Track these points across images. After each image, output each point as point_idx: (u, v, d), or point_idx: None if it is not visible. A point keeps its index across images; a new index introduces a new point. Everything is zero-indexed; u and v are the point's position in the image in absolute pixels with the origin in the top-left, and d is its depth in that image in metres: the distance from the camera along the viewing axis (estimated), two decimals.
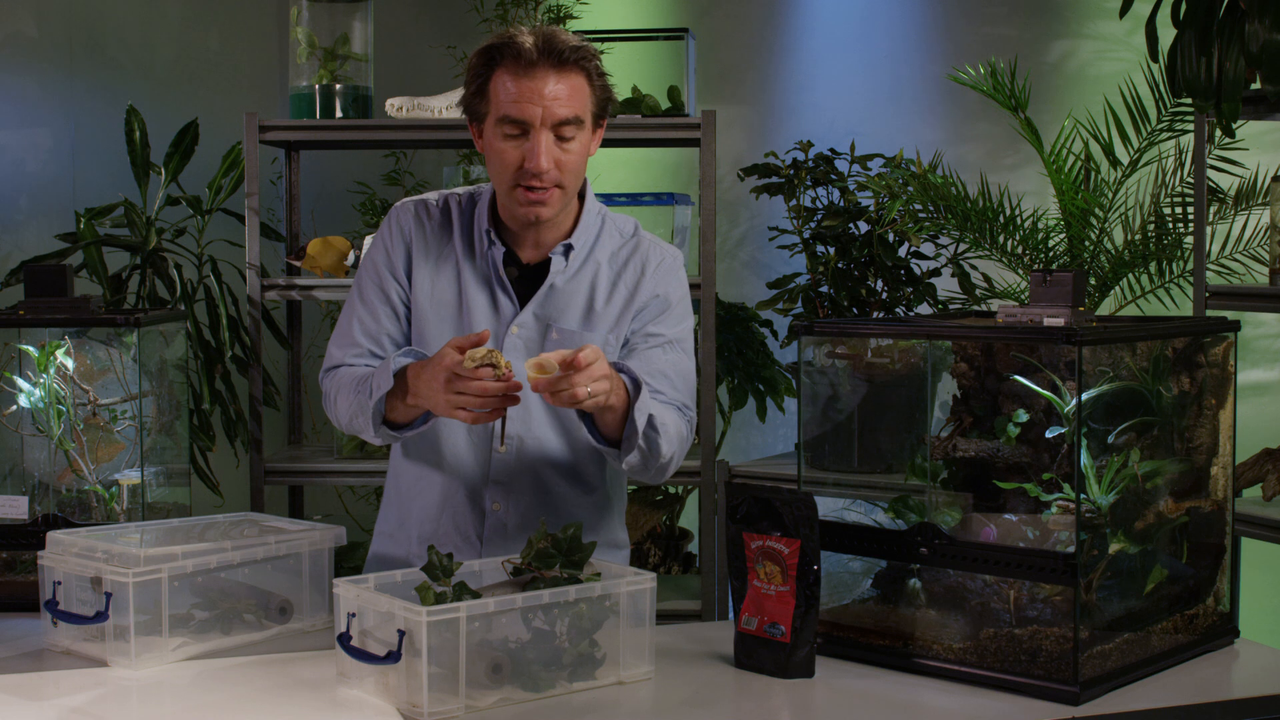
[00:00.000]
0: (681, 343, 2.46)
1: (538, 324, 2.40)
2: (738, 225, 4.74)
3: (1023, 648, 2.12)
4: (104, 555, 2.27)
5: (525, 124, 2.28)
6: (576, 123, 2.30)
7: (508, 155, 2.31)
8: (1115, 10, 2.89)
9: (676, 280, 2.48)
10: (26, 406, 2.77)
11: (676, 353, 2.44)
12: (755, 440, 4.65)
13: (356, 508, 4.71)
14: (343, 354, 2.46)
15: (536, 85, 2.27)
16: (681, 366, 2.44)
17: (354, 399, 2.37)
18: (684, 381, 2.44)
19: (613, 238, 2.46)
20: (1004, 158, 4.33)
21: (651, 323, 2.43)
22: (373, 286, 2.46)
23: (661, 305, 2.44)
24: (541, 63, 2.26)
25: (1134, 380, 2.23)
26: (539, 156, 2.28)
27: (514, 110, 2.28)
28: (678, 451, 2.37)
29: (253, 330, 3.92)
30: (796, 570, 2.16)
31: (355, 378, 2.39)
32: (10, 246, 4.19)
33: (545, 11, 4.65)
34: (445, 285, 2.43)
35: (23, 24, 4.26)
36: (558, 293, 2.41)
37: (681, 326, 2.47)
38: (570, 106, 2.29)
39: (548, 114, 2.27)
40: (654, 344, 2.42)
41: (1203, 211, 3.37)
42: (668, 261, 2.47)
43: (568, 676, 2.09)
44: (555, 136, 2.29)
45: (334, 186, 4.64)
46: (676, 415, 2.38)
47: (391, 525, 2.54)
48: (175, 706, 2.09)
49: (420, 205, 2.48)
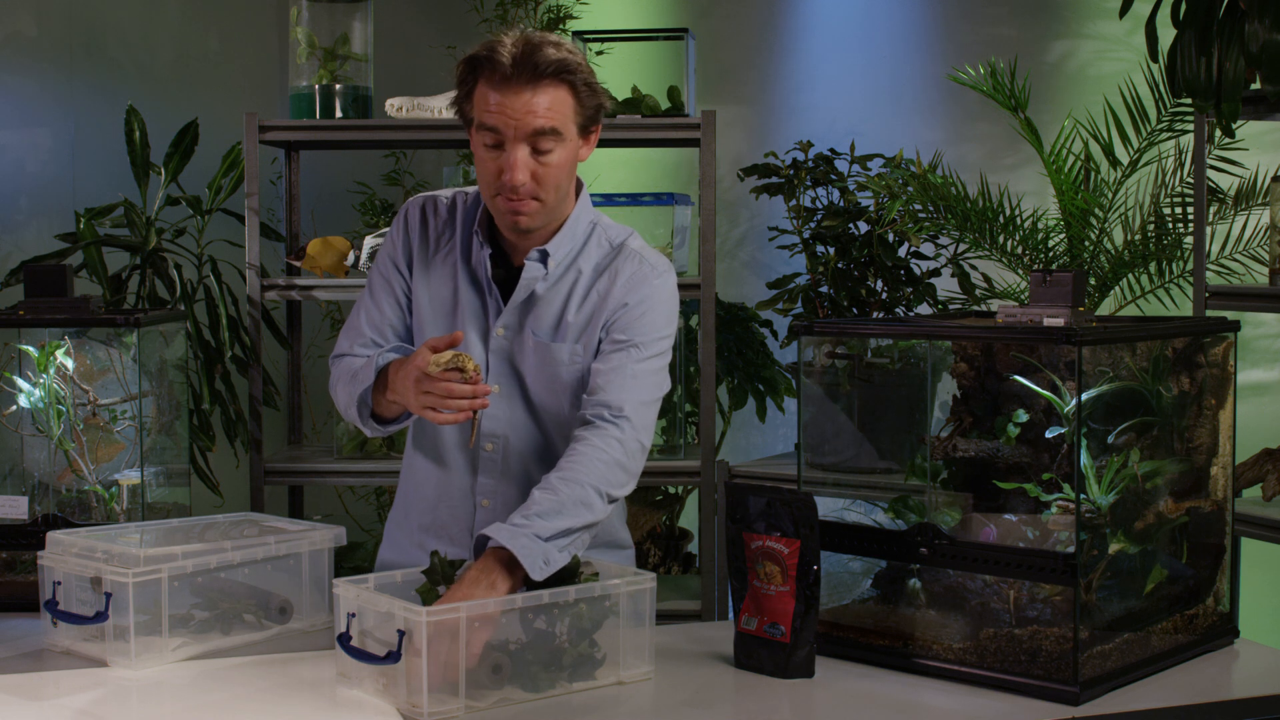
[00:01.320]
0: (644, 351, 2.36)
1: (518, 327, 2.41)
2: (738, 225, 4.74)
3: (1023, 648, 2.12)
4: (104, 555, 2.27)
5: (500, 132, 2.27)
6: (554, 135, 2.26)
7: (488, 165, 2.30)
8: (1115, 10, 2.88)
9: (650, 289, 2.39)
10: (26, 406, 2.77)
11: (629, 353, 2.35)
12: (755, 440, 4.65)
13: (356, 508, 4.71)
14: (349, 343, 2.49)
15: (512, 98, 2.24)
16: (641, 370, 2.35)
17: (349, 389, 2.41)
18: (640, 385, 2.34)
19: (600, 248, 2.43)
20: (1004, 158, 4.33)
21: (615, 328, 2.37)
22: (380, 279, 2.49)
23: (631, 314, 2.37)
24: (517, 77, 2.24)
25: (1134, 380, 2.23)
26: (514, 170, 2.26)
27: (489, 119, 2.26)
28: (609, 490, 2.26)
29: (253, 330, 3.92)
30: (796, 570, 2.16)
31: (353, 369, 2.42)
32: (10, 246, 4.19)
33: (545, 11, 4.65)
34: (442, 283, 2.44)
35: (23, 24, 4.25)
36: (537, 299, 2.40)
37: (650, 335, 2.37)
38: (547, 118, 2.25)
39: (522, 126, 2.25)
40: (615, 348, 2.36)
41: (1203, 211, 3.37)
42: (642, 270, 2.40)
43: (567, 677, 2.09)
44: (532, 149, 2.27)
45: (334, 186, 4.64)
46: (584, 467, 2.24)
47: (399, 514, 2.57)
48: (175, 706, 2.09)
49: (429, 201, 2.49)
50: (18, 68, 4.23)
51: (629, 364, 2.34)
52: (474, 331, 2.41)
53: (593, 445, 2.26)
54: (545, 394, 2.40)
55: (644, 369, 2.36)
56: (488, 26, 4.61)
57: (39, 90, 4.28)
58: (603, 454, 2.26)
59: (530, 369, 2.39)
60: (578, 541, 2.20)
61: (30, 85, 4.26)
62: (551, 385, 2.40)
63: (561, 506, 2.18)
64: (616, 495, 2.28)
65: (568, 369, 2.39)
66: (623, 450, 2.28)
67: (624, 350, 2.36)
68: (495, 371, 2.40)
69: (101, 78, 4.35)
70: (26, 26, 4.26)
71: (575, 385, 2.39)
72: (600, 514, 2.24)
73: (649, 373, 2.36)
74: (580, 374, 2.39)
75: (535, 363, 2.39)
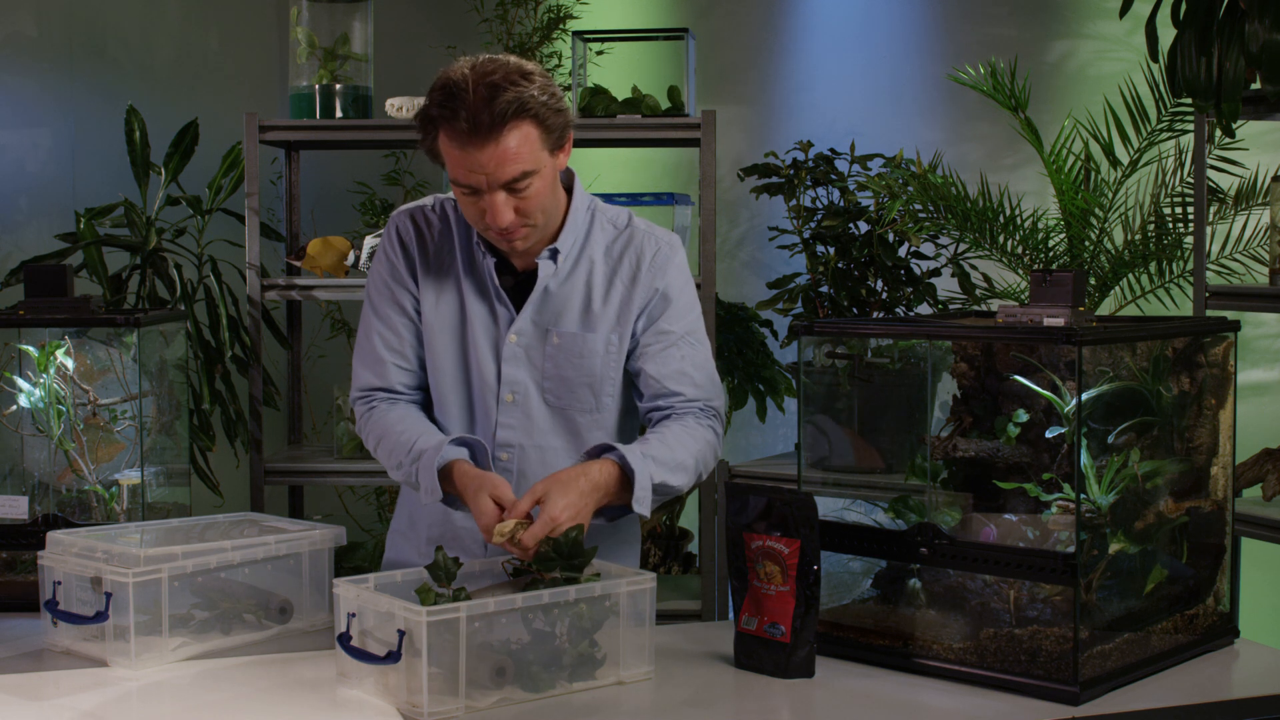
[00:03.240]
0: (692, 334, 2.44)
1: (536, 330, 2.39)
2: (738, 225, 4.74)
3: (1023, 648, 2.12)
4: (104, 555, 2.27)
5: (474, 188, 2.24)
6: (527, 175, 2.24)
7: (470, 208, 2.28)
8: (1115, 10, 2.88)
9: (675, 269, 2.43)
10: (26, 406, 2.77)
11: (689, 346, 2.42)
12: (755, 440, 4.65)
13: (356, 508, 4.71)
14: (371, 375, 2.45)
15: (477, 153, 2.20)
16: (697, 359, 2.43)
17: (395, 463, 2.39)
18: (702, 374, 2.43)
19: (605, 232, 2.43)
20: (1004, 158, 4.33)
21: (659, 320, 2.41)
22: (385, 299, 2.44)
23: (664, 301, 2.41)
24: (477, 132, 2.19)
25: (1134, 380, 2.23)
26: (496, 216, 2.25)
27: (461, 178, 2.24)
28: (701, 469, 2.39)
29: (253, 330, 3.92)
30: (796, 570, 2.16)
31: (399, 441, 2.37)
32: (10, 246, 4.19)
33: (545, 11, 4.65)
34: (448, 298, 2.42)
35: (23, 24, 4.26)
36: (553, 296, 2.39)
37: (689, 318, 2.44)
38: (517, 164, 2.22)
39: (495, 178, 2.22)
40: (666, 343, 2.40)
41: (1203, 211, 3.37)
42: (663, 251, 2.42)
43: (568, 677, 2.09)
44: (508, 191, 2.24)
45: (334, 186, 4.64)
46: (690, 436, 2.37)
47: (403, 524, 2.55)
48: (175, 706, 2.09)
49: (418, 213, 2.46)
50: (18, 68, 4.23)
51: (690, 355, 2.43)
52: (485, 343, 2.40)
53: (691, 428, 2.38)
54: (567, 392, 2.39)
55: (701, 355, 2.45)
56: (488, 27, 4.62)
57: (39, 90, 4.28)
58: (707, 435, 2.40)
59: (552, 369, 2.38)
60: (663, 500, 2.33)
61: (30, 85, 4.27)
62: (579, 378, 2.39)
63: (675, 462, 2.33)
64: (703, 477, 2.41)
65: (603, 359, 2.39)
66: (717, 439, 2.44)
67: (676, 344, 2.42)
68: (508, 380, 2.39)
69: (101, 78, 4.35)
70: (26, 26, 4.26)
71: (608, 373, 2.39)
72: (688, 485, 2.36)
73: (706, 358, 2.46)
74: (617, 363, 2.39)
75: (561, 360, 2.38)
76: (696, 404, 2.41)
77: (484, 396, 2.40)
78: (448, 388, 2.42)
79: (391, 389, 2.45)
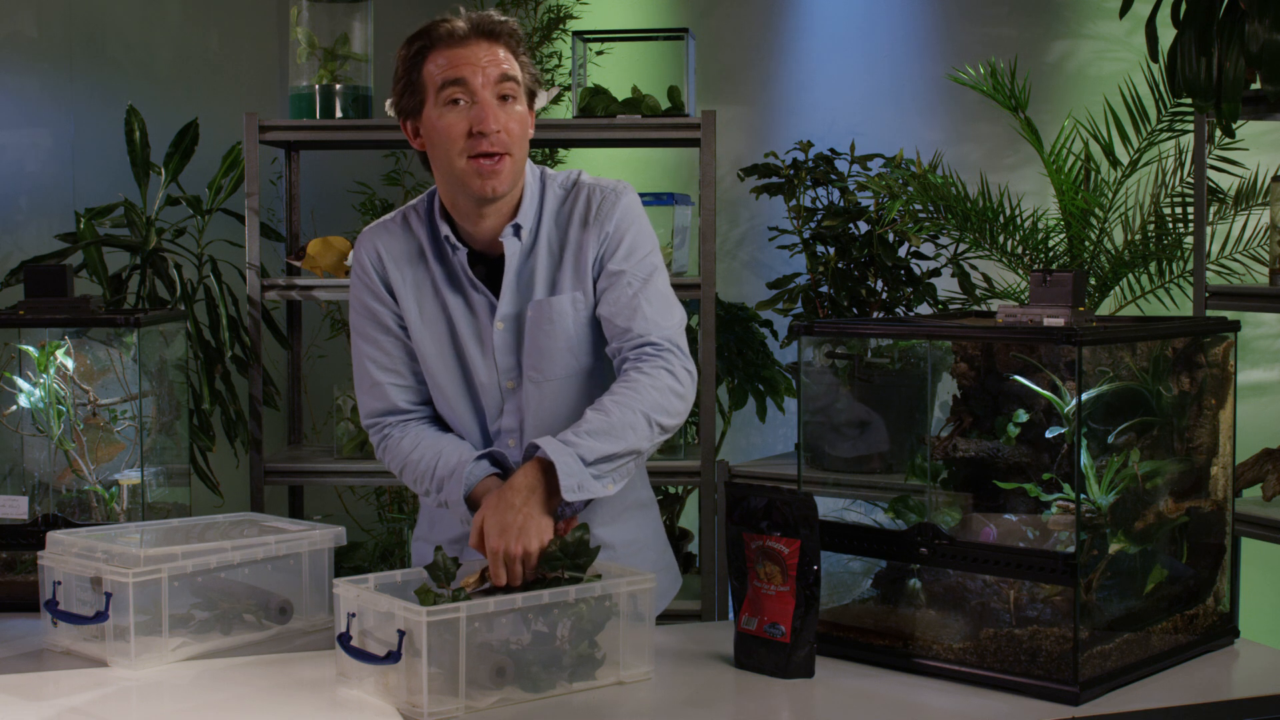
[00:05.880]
0: (643, 269, 2.37)
1: (516, 310, 2.39)
2: (738, 225, 4.74)
3: (1023, 648, 2.12)
4: (104, 555, 2.27)
5: (467, 83, 2.28)
6: (516, 83, 2.32)
7: (454, 127, 2.29)
8: (1115, 10, 2.89)
9: (622, 209, 2.39)
10: (26, 406, 2.77)
11: (640, 282, 2.36)
12: (755, 440, 4.65)
13: (356, 508, 4.71)
14: (375, 401, 2.45)
15: (473, 50, 2.30)
16: (649, 293, 2.36)
17: (423, 490, 2.39)
18: (658, 310, 2.36)
19: (555, 195, 2.43)
20: (1004, 158, 4.33)
21: (609, 262, 2.38)
22: (368, 321, 2.44)
23: (613, 243, 2.38)
24: (474, 34, 2.30)
25: (1134, 380, 2.23)
26: (487, 115, 2.28)
27: (454, 73, 2.29)
28: (660, 417, 2.27)
29: (253, 330, 3.92)
30: (796, 570, 2.16)
31: (420, 471, 2.38)
32: (10, 246, 4.19)
33: (545, 11, 4.65)
34: (428, 301, 2.41)
35: (23, 24, 4.26)
36: (524, 273, 2.39)
37: (638, 254, 2.38)
38: (510, 66, 2.32)
39: (488, 75, 2.29)
40: (615, 282, 2.36)
41: (1203, 211, 3.37)
42: (608, 199, 2.40)
43: (568, 677, 2.09)
44: (498, 98, 2.30)
45: (334, 186, 4.64)
46: (634, 391, 2.27)
47: (424, 529, 2.56)
48: (175, 706, 2.09)
49: (381, 229, 2.46)
50: (18, 68, 4.23)
51: (641, 292, 2.35)
52: (473, 337, 2.39)
53: (644, 373, 2.29)
54: (551, 363, 2.38)
55: (655, 293, 2.37)
56: None
57: (39, 90, 4.28)
58: (655, 380, 2.29)
59: (538, 342, 2.37)
60: (621, 470, 2.24)
61: (30, 85, 4.27)
62: (557, 345, 2.37)
63: (611, 428, 2.22)
64: (669, 424, 2.29)
65: (574, 319, 2.37)
66: (673, 378, 2.31)
67: (626, 282, 2.36)
68: (504, 369, 2.39)
69: (101, 78, 4.35)
70: (26, 26, 4.26)
71: (584, 332, 2.38)
72: (646, 441, 2.26)
73: (661, 295, 2.38)
74: (587, 319, 2.38)
75: (537, 332, 2.37)
76: (650, 342, 2.33)
77: (485, 389, 2.40)
78: (449, 390, 2.42)
79: (397, 410, 2.45)
